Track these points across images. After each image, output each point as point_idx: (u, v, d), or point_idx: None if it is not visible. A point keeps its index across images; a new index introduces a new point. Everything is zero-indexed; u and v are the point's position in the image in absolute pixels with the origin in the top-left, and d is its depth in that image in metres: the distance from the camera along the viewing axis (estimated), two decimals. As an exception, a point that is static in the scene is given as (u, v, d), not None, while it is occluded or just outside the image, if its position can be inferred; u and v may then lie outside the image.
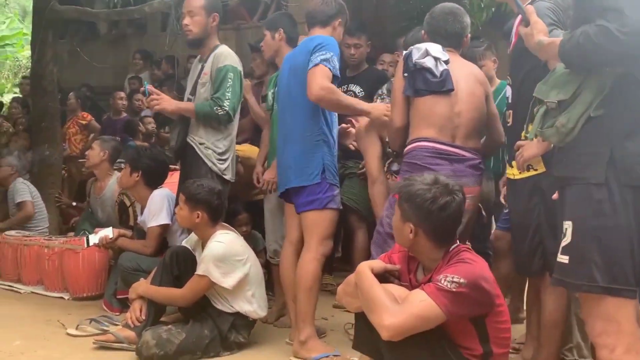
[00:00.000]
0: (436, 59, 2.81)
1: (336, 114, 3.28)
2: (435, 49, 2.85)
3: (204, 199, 3.12)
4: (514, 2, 2.27)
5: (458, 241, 2.29)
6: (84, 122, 6.58)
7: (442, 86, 2.79)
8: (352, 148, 3.48)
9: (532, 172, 2.58)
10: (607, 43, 1.78)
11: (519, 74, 2.65)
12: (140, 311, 3.20)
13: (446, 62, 2.83)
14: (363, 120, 3.33)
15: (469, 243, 2.72)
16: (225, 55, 3.55)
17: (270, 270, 3.82)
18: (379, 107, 3.20)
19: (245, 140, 4.14)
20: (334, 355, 3.00)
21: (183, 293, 3.12)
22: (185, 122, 3.59)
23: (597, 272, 1.84)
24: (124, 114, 6.60)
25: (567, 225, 1.92)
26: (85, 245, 3.96)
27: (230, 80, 3.46)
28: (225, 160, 3.56)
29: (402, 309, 2.06)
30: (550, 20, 2.38)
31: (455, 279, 2.06)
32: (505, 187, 2.97)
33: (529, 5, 2.20)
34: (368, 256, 3.48)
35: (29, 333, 3.39)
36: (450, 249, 2.22)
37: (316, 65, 3.00)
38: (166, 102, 3.60)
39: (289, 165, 3.19)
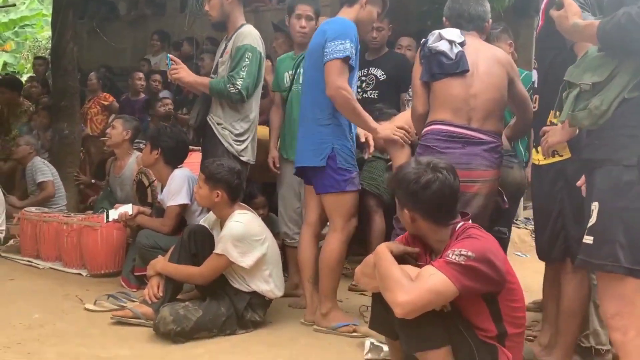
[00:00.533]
0: (451, 42, 2.80)
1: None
2: (451, 32, 2.84)
3: (224, 179, 3.13)
4: None
5: (471, 221, 2.28)
6: (106, 103, 6.62)
7: (456, 67, 2.77)
8: (366, 157, 3.51)
9: (557, 158, 2.56)
10: None
11: (546, 58, 2.61)
12: (158, 288, 3.23)
13: (461, 44, 2.81)
14: (393, 124, 3.24)
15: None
16: (246, 34, 3.54)
17: (284, 252, 3.84)
18: (387, 126, 3.15)
19: (264, 121, 4.14)
20: (354, 325, 3.11)
21: (201, 271, 3.14)
22: (206, 102, 3.60)
23: (620, 252, 1.84)
24: (143, 95, 6.63)
25: (594, 207, 1.92)
26: (105, 221, 3.99)
27: (247, 59, 3.44)
28: (242, 141, 3.56)
29: (414, 285, 2.05)
30: (578, 2, 2.35)
31: (463, 252, 2.05)
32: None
33: None
34: (384, 240, 3.50)
35: (48, 307, 3.44)
36: (457, 228, 2.21)
37: (331, 60, 3.03)
38: (184, 72, 3.61)
39: (301, 145, 3.28)
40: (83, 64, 7.42)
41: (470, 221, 2.28)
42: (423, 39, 2.92)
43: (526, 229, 6.77)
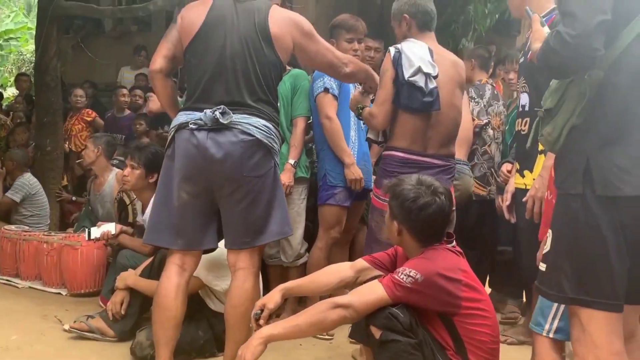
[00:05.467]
0: (427, 75, 2.86)
1: (351, 131, 3.62)
2: (425, 60, 2.87)
3: None
4: (525, 13, 2.28)
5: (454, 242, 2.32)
6: (89, 119, 6.59)
7: (430, 107, 2.88)
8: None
9: None
10: (560, 48, 1.76)
11: (537, 81, 2.63)
12: (121, 305, 3.22)
13: (436, 77, 2.87)
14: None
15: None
16: None
17: (266, 272, 3.83)
18: (356, 170, 3.50)
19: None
20: None
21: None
22: None
23: (566, 282, 1.83)
24: (127, 112, 6.60)
25: (549, 234, 1.93)
26: (87, 239, 3.95)
27: None
28: None
29: (354, 297, 2.17)
30: None
31: (411, 274, 2.11)
32: (505, 202, 2.94)
33: (535, 14, 2.20)
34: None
35: (26, 328, 3.41)
36: (430, 247, 2.25)
37: (316, 95, 3.54)
38: (152, 103, 3.70)
39: None
40: (67, 79, 7.40)
41: (453, 242, 2.31)
42: (393, 53, 2.92)
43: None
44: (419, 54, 2.88)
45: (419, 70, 2.84)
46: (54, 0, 5.49)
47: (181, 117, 2.56)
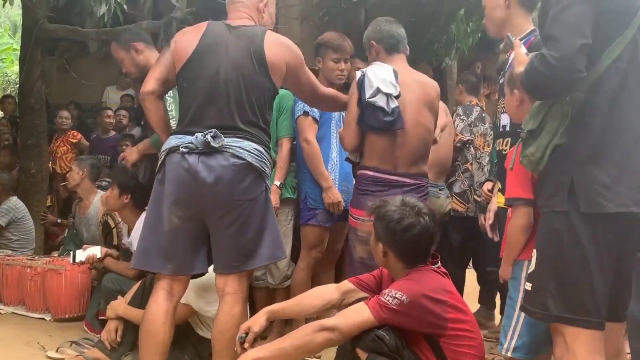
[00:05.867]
0: (387, 95, 2.88)
1: (333, 152, 3.61)
2: (386, 81, 2.90)
3: None
4: (507, 37, 2.34)
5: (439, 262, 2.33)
6: (74, 141, 6.56)
7: (392, 126, 2.91)
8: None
9: None
10: (544, 69, 1.83)
11: None
12: (116, 332, 3.18)
13: (397, 96, 2.90)
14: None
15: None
16: None
17: (252, 294, 3.81)
18: (334, 194, 3.46)
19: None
20: None
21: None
22: (151, 157, 3.55)
23: (550, 300, 1.87)
24: (112, 133, 6.58)
25: (534, 253, 1.97)
26: (71, 262, 3.92)
27: (170, 98, 3.25)
28: None
29: (340, 319, 2.18)
30: None
31: (397, 295, 2.11)
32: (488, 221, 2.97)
33: (516, 39, 2.25)
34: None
35: (9, 355, 3.36)
36: (415, 268, 2.26)
37: (297, 118, 3.54)
38: (129, 155, 3.68)
39: None
40: (53, 100, 7.36)
41: (438, 263, 2.31)
42: (358, 76, 2.97)
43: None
44: (381, 76, 2.92)
45: (378, 91, 2.88)
46: (38, 23, 5.49)
47: (172, 141, 2.55)
